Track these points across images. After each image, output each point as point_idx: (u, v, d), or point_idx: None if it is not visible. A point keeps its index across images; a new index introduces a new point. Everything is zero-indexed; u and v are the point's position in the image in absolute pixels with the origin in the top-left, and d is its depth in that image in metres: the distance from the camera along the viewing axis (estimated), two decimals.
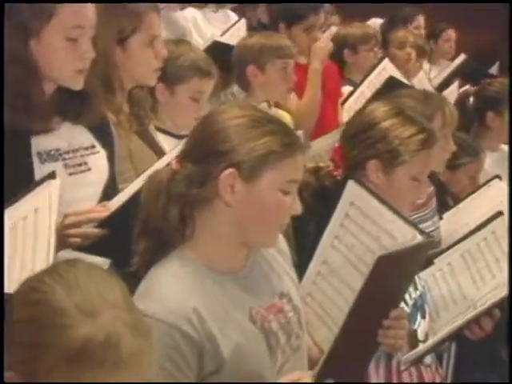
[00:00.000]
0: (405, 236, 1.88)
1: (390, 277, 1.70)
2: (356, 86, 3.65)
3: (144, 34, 2.40)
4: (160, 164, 1.82)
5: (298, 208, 1.69)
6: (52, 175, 1.83)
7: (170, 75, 2.67)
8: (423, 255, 1.87)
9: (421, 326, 2.22)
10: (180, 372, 1.59)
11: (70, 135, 2.06)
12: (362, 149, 2.22)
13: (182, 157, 1.69)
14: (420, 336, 2.20)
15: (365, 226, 1.95)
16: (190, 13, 3.68)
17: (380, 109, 2.25)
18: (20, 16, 1.97)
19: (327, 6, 3.86)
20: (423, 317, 2.24)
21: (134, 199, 1.79)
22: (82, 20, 2.00)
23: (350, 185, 2.00)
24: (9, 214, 1.71)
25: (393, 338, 1.85)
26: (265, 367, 1.69)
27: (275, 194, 1.65)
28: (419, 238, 1.87)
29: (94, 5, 2.03)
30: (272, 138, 1.63)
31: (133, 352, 1.23)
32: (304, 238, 2.22)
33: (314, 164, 2.34)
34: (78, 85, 2.03)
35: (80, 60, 2.01)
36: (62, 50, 1.99)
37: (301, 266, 1.98)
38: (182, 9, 3.64)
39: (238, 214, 1.65)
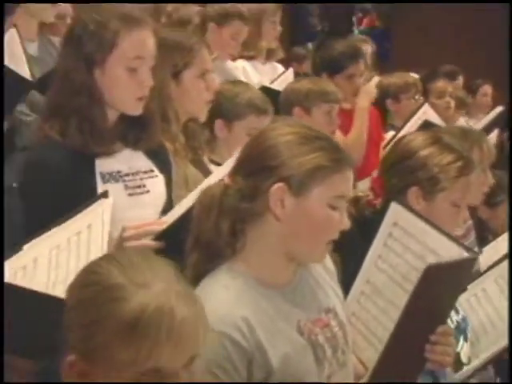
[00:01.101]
0: (451, 254, 1.82)
1: (438, 289, 1.65)
2: (398, 130, 3.63)
3: (196, 67, 2.43)
4: (212, 179, 1.82)
5: (346, 223, 1.66)
6: (105, 194, 1.86)
7: (229, 112, 2.69)
8: (469, 271, 1.82)
9: (464, 349, 2.15)
10: (230, 379, 1.55)
11: (131, 159, 2.10)
12: (402, 177, 2.20)
13: (234, 172, 1.68)
14: (463, 359, 2.13)
15: (409, 246, 1.90)
16: (241, 63, 3.73)
17: (418, 138, 2.24)
18: (85, 47, 2.01)
19: (368, 57, 3.89)
20: (466, 340, 2.17)
21: (188, 214, 1.78)
22: (143, 51, 2.04)
23: (393, 206, 1.96)
24: (64, 229, 1.74)
25: (440, 354, 1.79)
26: (312, 378, 1.64)
27: (324, 208, 1.62)
28: (465, 255, 1.82)
29: (153, 36, 2.07)
30: (321, 154, 1.61)
31: (186, 319, 1.21)
32: (345, 268, 2.19)
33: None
34: (137, 111, 2.07)
35: (140, 88, 2.05)
36: (124, 79, 2.03)
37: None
38: (233, 59, 3.69)
39: (288, 229, 1.62)
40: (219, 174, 1.86)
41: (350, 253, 2.06)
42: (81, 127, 2.00)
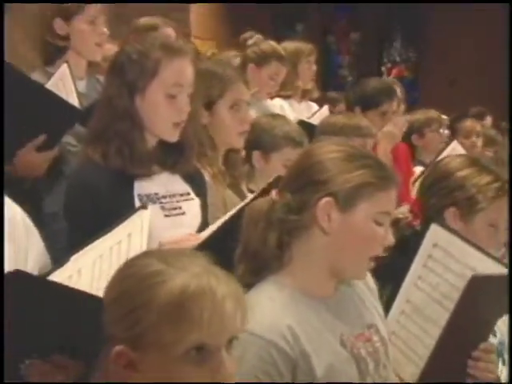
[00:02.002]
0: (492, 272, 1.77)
1: (481, 301, 1.60)
2: (427, 166, 3.59)
3: (230, 98, 2.42)
4: (249, 199, 1.80)
5: (390, 239, 1.63)
6: (144, 206, 1.87)
7: (266, 144, 2.68)
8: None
9: (503, 374, 2.06)
10: None
11: (168, 183, 2.10)
12: (440, 198, 2.16)
13: (282, 187, 1.66)
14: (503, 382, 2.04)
15: (449, 265, 1.84)
16: (278, 102, 3.74)
17: (456, 160, 2.21)
18: (128, 75, 2.03)
19: (400, 94, 3.87)
20: (504, 363, 2.08)
21: (223, 231, 1.80)
22: (182, 78, 2.05)
23: (433, 227, 1.91)
24: (106, 240, 1.76)
25: (483, 371, 1.73)
26: None
27: (369, 224, 1.59)
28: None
29: (192, 65, 2.07)
30: (367, 171, 1.59)
31: (226, 297, 1.20)
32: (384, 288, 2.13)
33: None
34: (174, 137, 2.08)
35: (178, 114, 2.06)
36: (163, 105, 2.04)
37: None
38: (270, 98, 3.70)
39: (334, 242, 1.60)
40: (255, 195, 1.86)
41: (389, 273, 2.01)
42: (121, 150, 2.01)
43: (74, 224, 2.02)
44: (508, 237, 2.15)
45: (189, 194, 2.13)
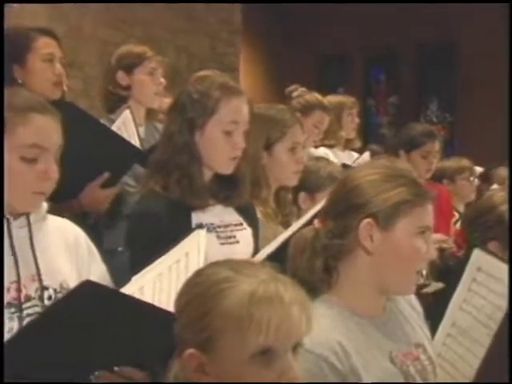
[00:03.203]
0: None
1: None
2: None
3: (288, 141, 2.45)
4: (300, 222, 1.79)
5: (433, 253, 1.59)
6: (200, 226, 1.89)
7: (311, 185, 2.68)
8: None
9: None
10: None
11: (222, 214, 2.12)
12: (483, 231, 2.13)
13: (324, 216, 1.65)
14: None
15: (494, 288, 1.80)
16: (322, 150, 3.76)
17: (498, 194, 2.19)
18: (189, 113, 2.07)
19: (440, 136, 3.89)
20: None
21: (277, 254, 1.79)
22: (238, 116, 2.08)
23: (476, 252, 1.88)
24: (165, 260, 1.76)
25: None
26: None
27: (410, 239, 1.56)
28: None
29: (247, 104, 2.10)
30: (403, 189, 1.58)
31: (292, 302, 1.18)
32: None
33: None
34: (229, 170, 2.10)
35: (233, 149, 2.08)
36: (220, 141, 2.06)
37: None
38: (315, 147, 3.72)
39: (378, 261, 1.57)
40: (305, 218, 1.85)
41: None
42: (180, 182, 2.04)
43: (136, 250, 2.03)
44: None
45: (242, 224, 2.14)
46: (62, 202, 2.17)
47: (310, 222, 1.73)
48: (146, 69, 2.91)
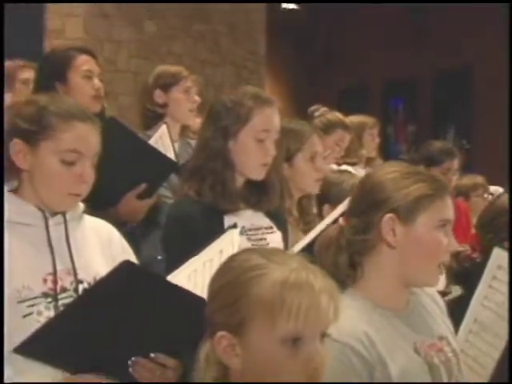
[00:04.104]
0: None
1: None
2: None
3: (307, 151, 2.48)
4: (326, 222, 1.82)
5: (454, 245, 1.60)
6: (234, 226, 1.90)
7: (334, 197, 2.67)
8: None
9: None
10: None
11: (252, 218, 2.14)
12: (497, 233, 2.14)
13: (348, 214, 1.67)
14: None
15: None
16: (344, 167, 3.77)
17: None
18: (223, 121, 2.10)
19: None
20: None
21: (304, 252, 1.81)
22: (270, 125, 2.11)
23: (496, 251, 1.89)
24: (199, 257, 1.78)
25: None
26: None
27: (431, 232, 1.57)
28: None
29: (278, 114, 2.14)
30: (422, 185, 1.59)
31: (322, 290, 1.18)
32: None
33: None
34: (260, 176, 2.13)
35: (265, 156, 2.10)
36: (252, 148, 2.09)
37: None
38: (338, 164, 3.74)
39: (401, 255, 1.58)
40: (331, 217, 1.87)
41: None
42: (214, 187, 2.06)
43: (171, 252, 2.05)
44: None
45: (272, 227, 2.16)
46: (101, 210, 2.21)
47: (335, 222, 1.76)
48: (181, 87, 2.99)
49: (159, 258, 2.57)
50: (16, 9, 5.66)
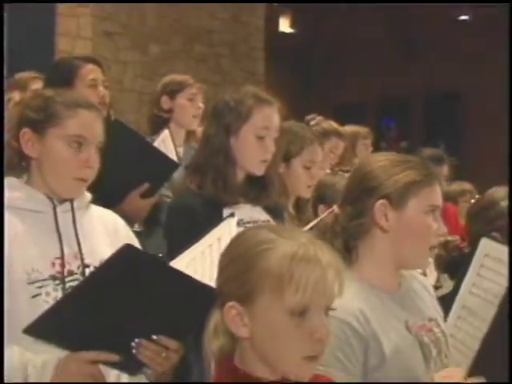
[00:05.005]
0: None
1: None
2: None
3: (305, 158, 2.49)
4: (320, 218, 1.82)
5: (443, 230, 1.61)
6: (231, 215, 1.91)
7: (329, 197, 2.68)
8: None
9: None
10: (349, 362, 1.48)
11: (250, 212, 2.15)
12: (485, 224, 2.15)
13: (342, 202, 1.68)
14: None
15: (501, 270, 1.80)
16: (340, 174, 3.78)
17: (498, 191, 2.21)
18: (225, 118, 2.11)
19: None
20: None
21: None
22: (270, 123, 2.12)
23: (484, 241, 1.88)
24: (198, 245, 1.80)
25: None
26: (420, 371, 1.55)
27: (421, 216, 1.58)
28: None
29: (278, 113, 2.15)
30: (412, 172, 1.60)
31: (329, 265, 1.18)
32: None
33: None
34: (260, 172, 2.13)
35: (264, 153, 2.12)
36: (253, 145, 2.11)
37: None
38: (332, 172, 3.74)
39: (393, 238, 1.59)
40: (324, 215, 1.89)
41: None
42: (216, 181, 2.08)
43: (172, 241, 2.06)
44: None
45: (269, 221, 2.16)
46: (106, 208, 2.21)
47: None
48: (187, 94, 3.03)
49: (160, 255, 2.57)
50: (28, 29, 5.72)
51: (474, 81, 8.69)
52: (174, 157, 2.72)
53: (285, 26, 9.58)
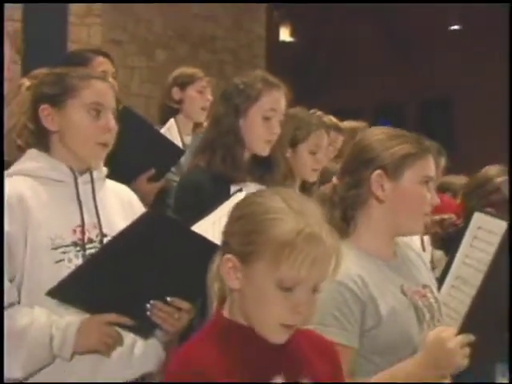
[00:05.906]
0: None
1: None
2: None
3: (310, 143, 2.48)
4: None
5: (436, 200, 1.62)
6: (240, 190, 1.92)
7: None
8: None
9: None
10: (347, 322, 1.49)
11: (256, 189, 2.09)
12: (479, 200, 2.15)
13: (340, 173, 1.69)
14: None
15: (493, 241, 1.80)
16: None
17: (493, 168, 2.20)
18: (235, 100, 2.13)
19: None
20: None
21: None
22: (276, 105, 2.14)
23: (476, 215, 1.89)
24: (209, 218, 1.80)
25: None
26: (414, 332, 1.56)
27: (416, 187, 1.60)
28: None
29: (285, 97, 2.15)
30: (407, 145, 1.61)
31: (330, 247, 1.18)
32: None
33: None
34: (265, 152, 2.15)
35: (270, 133, 2.13)
36: (260, 125, 2.12)
37: None
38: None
39: (389, 208, 1.60)
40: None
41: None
42: (225, 159, 2.09)
43: (181, 216, 2.04)
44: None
45: None
46: None
47: None
48: (196, 87, 3.03)
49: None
50: (41, 36, 5.75)
51: (469, 85, 8.71)
52: (179, 143, 2.73)
53: (285, 34, 9.60)
